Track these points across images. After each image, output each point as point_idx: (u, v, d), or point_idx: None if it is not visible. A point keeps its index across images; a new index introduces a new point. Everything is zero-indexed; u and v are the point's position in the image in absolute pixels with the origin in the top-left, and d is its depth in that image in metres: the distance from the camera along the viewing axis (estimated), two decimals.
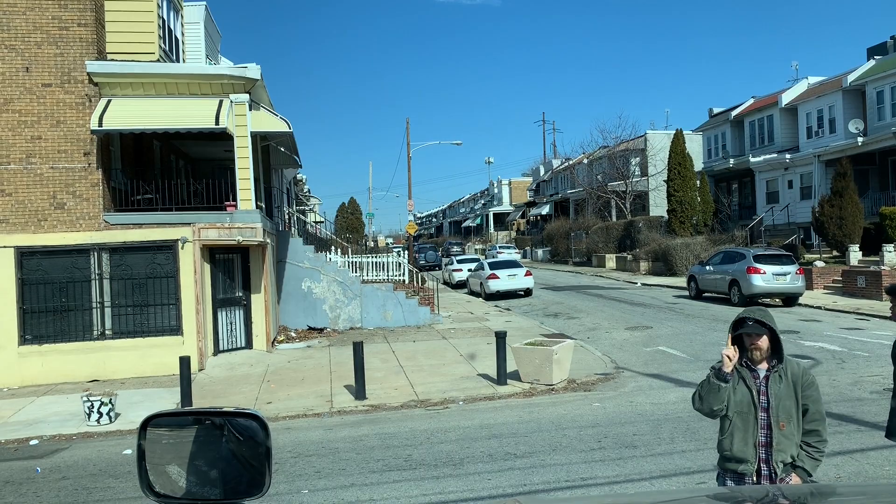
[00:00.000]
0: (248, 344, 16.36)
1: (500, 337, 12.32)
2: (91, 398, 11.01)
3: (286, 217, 25.97)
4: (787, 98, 34.64)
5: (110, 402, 11.04)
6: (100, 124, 13.80)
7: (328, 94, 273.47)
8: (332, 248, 26.45)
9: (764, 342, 4.03)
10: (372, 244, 51.53)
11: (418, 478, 7.51)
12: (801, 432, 4.07)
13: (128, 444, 9.91)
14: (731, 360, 3.96)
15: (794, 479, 3.98)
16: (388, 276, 23.72)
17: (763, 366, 4.10)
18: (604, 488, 6.87)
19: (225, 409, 2.24)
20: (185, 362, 11.33)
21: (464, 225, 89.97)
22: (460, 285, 33.45)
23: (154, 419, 2.22)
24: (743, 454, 4.07)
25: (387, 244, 65.92)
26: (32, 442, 10.29)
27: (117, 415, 11.13)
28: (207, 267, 15.30)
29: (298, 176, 37.09)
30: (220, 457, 2.20)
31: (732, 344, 4.04)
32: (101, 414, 10.89)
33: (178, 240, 14.66)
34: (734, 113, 38.89)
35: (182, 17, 18.34)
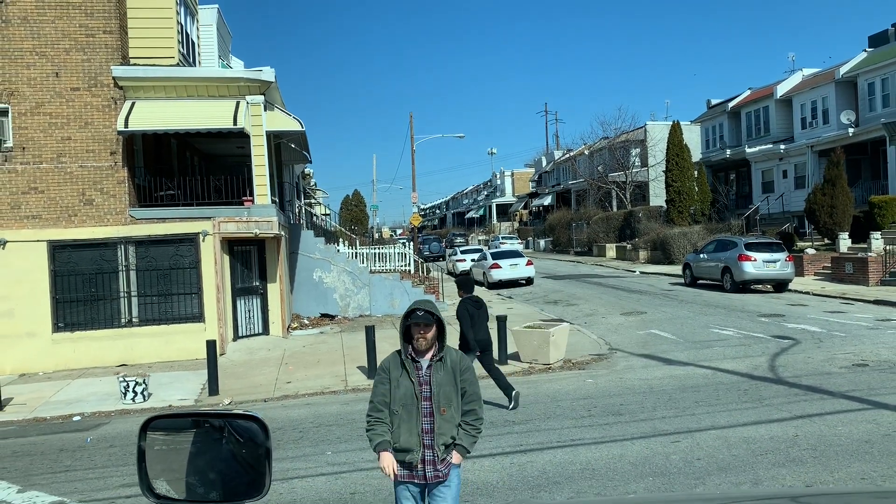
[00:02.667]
0: (265, 330, 17.38)
1: (501, 321, 13.30)
2: (126, 379, 12.03)
3: (296, 210, 26.96)
4: (782, 90, 35.43)
5: (144, 382, 12.06)
6: (126, 126, 14.77)
7: (331, 87, 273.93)
8: (340, 239, 27.43)
9: (431, 332, 4.29)
10: (377, 236, 52.53)
11: None
12: (461, 413, 4.37)
13: None
14: (389, 472, 4.29)
15: (455, 457, 4.33)
16: (394, 266, 24.71)
17: (427, 356, 4.36)
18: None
19: (225, 411, 2.28)
20: (211, 345, 12.34)
21: (467, 216, 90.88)
22: (464, 275, 34.39)
23: (154, 421, 2.24)
24: (409, 444, 4.28)
25: (391, 235, 66.94)
26: (76, 418, 11.31)
27: (150, 394, 12.15)
28: (227, 258, 16.29)
29: (306, 170, 38.06)
30: (220, 458, 2.22)
31: (404, 333, 4.34)
32: (135, 393, 11.91)
33: (199, 233, 15.65)
34: (731, 104, 39.66)
35: (197, 20, 19.28)
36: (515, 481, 6.96)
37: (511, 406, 9.76)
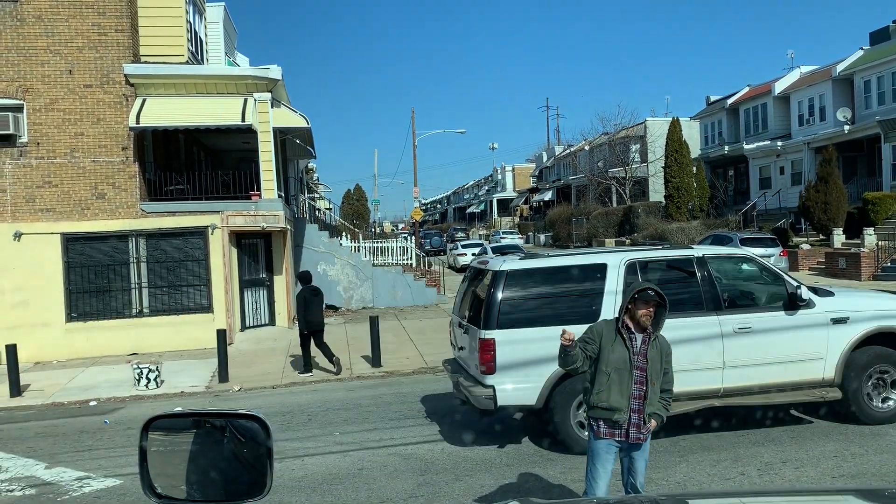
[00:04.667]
0: (272, 321, 17.89)
1: None
2: (140, 366, 12.53)
3: (301, 204, 27.45)
4: (780, 87, 35.83)
5: (157, 369, 12.56)
6: (137, 122, 15.24)
7: (332, 82, 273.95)
8: (343, 233, 27.93)
9: (653, 313, 4.79)
10: (379, 230, 53.04)
11: (430, 422, 9.02)
12: (660, 389, 4.97)
13: (176, 404, 11.44)
14: (571, 341, 4.69)
15: (652, 424, 4.88)
16: (395, 260, 25.20)
17: (639, 334, 4.85)
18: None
19: (226, 411, 2.28)
20: (221, 335, 12.84)
21: (468, 211, 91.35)
22: (464, 269, 34.86)
23: (155, 421, 2.24)
24: (618, 404, 4.79)
25: (392, 230, 67.51)
26: (92, 403, 11.81)
27: (162, 381, 12.63)
28: (234, 251, 16.77)
29: (310, 165, 38.53)
30: (222, 458, 2.22)
31: (627, 306, 4.82)
32: (149, 380, 12.40)
33: (208, 226, 16.13)
34: (730, 101, 40.07)
35: (205, 18, 19.73)
36: (512, 458, 7.45)
37: (336, 371, 12.52)
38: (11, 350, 12.36)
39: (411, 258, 25.90)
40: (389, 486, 6.86)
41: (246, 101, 15.94)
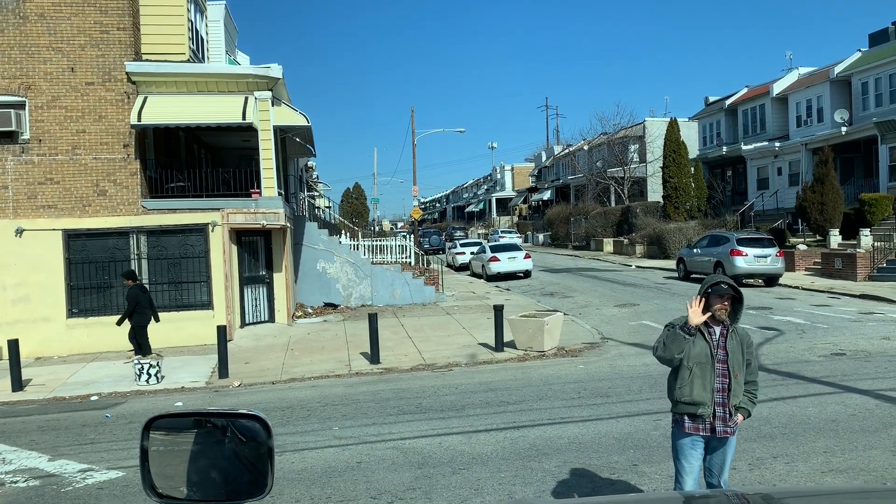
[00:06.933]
0: (271, 318, 18.00)
1: (498, 310, 13.92)
2: (141, 361, 12.63)
3: (300, 202, 27.55)
4: (778, 88, 35.97)
5: (157, 364, 12.67)
6: (139, 119, 15.34)
7: (332, 80, 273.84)
8: (342, 231, 28.00)
9: (728, 306, 4.82)
10: (378, 229, 53.11)
11: (428, 418, 9.15)
12: (744, 382, 4.93)
13: (177, 399, 11.56)
14: (699, 317, 4.64)
15: (739, 418, 4.90)
16: (394, 258, 25.29)
17: (717, 327, 4.85)
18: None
19: (227, 411, 2.28)
20: (221, 330, 12.94)
21: (467, 210, 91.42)
22: (463, 268, 35.03)
23: (156, 421, 2.25)
24: (701, 398, 4.80)
25: (391, 229, 67.66)
26: (93, 398, 11.92)
27: (163, 376, 12.75)
28: (234, 248, 16.89)
29: (309, 163, 38.63)
30: (222, 458, 2.23)
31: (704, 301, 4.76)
32: (150, 375, 12.51)
33: (208, 223, 16.24)
34: (728, 102, 40.20)
35: (206, 17, 19.82)
36: (508, 452, 7.58)
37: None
38: (13, 345, 12.46)
39: (410, 257, 25.99)
40: (387, 479, 6.98)
41: (247, 99, 16.05)
